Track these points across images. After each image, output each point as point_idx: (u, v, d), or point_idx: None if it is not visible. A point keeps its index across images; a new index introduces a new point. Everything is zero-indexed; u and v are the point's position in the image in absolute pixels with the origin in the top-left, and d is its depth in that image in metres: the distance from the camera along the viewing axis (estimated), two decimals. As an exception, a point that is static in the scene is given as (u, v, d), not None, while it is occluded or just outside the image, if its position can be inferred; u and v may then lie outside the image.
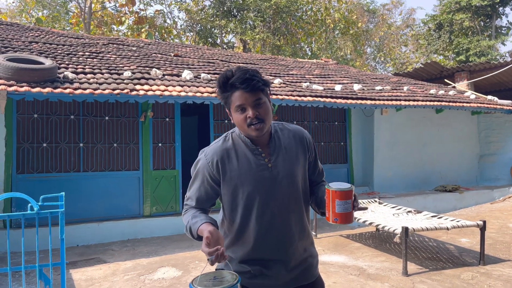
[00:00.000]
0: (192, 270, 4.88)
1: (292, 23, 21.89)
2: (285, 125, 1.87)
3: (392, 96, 8.52)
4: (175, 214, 7.02)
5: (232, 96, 1.66)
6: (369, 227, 6.67)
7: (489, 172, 10.49)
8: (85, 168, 6.64)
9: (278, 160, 1.75)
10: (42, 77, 5.48)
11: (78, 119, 6.64)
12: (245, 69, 1.67)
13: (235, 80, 1.64)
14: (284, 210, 1.74)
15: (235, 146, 1.76)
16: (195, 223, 1.67)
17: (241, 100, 1.64)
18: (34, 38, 8.39)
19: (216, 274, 1.52)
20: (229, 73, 1.67)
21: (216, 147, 1.77)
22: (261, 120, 1.65)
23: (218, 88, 1.71)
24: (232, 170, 1.72)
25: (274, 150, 1.77)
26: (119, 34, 21.68)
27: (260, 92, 1.66)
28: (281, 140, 1.79)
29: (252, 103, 1.64)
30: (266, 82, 1.70)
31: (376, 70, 27.56)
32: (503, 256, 5.42)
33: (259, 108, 1.66)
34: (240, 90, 1.63)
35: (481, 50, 19.69)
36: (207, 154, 1.77)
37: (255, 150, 1.74)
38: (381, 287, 4.30)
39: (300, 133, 1.86)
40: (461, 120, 10.34)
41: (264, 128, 1.68)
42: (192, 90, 6.40)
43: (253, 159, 1.73)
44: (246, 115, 1.65)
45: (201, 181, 1.78)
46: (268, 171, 1.73)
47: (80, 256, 5.55)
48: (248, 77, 1.63)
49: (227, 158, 1.74)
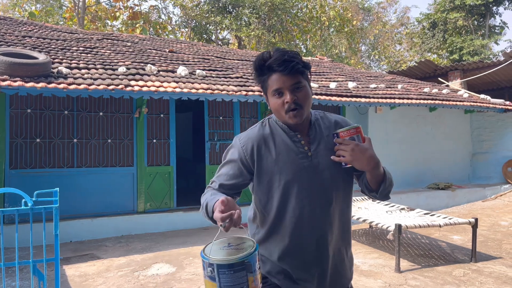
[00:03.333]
0: (187, 266, 4.89)
1: (287, 20, 21.87)
2: (326, 114, 1.74)
3: (387, 94, 8.56)
4: (169, 211, 7.02)
5: (269, 80, 1.55)
6: (362, 224, 6.71)
7: (481, 171, 10.58)
8: (79, 164, 6.61)
9: (318, 149, 1.62)
10: (35, 72, 5.44)
11: (72, 115, 6.61)
12: (283, 50, 1.55)
13: (273, 62, 1.52)
14: (325, 203, 1.61)
15: (272, 132, 1.64)
16: (213, 199, 1.50)
17: (278, 84, 1.53)
18: (27, 32, 8.32)
19: (231, 240, 1.37)
20: (266, 55, 1.56)
21: (252, 133, 1.65)
22: (299, 105, 1.54)
23: (255, 71, 1.59)
24: (269, 157, 1.60)
25: (314, 139, 1.64)
26: (113, 29, 21.54)
27: (300, 75, 1.54)
28: (322, 128, 1.66)
29: (290, 87, 1.53)
30: (306, 65, 1.57)
31: (371, 68, 27.64)
32: (494, 253, 5.48)
33: (298, 92, 1.54)
34: (278, 73, 1.53)
35: (474, 49, 19.81)
36: (241, 139, 1.65)
37: (294, 136, 1.62)
38: (374, 283, 4.34)
39: (343, 122, 1.71)
40: (454, 119, 10.42)
41: (303, 115, 1.56)
42: (187, 86, 6.38)
43: (292, 146, 1.61)
44: (284, 100, 1.54)
45: (231, 166, 1.64)
46: (307, 159, 1.61)
47: (74, 252, 5.54)
48: (286, 58, 1.52)
49: (264, 144, 1.62)
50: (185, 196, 7.56)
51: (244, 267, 1.24)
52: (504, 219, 7.60)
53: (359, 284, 4.30)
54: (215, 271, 1.23)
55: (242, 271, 1.23)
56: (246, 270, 1.24)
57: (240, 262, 1.23)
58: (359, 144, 1.53)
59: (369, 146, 1.53)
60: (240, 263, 1.23)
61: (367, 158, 1.52)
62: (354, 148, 1.52)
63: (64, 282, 4.36)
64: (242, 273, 1.23)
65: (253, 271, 1.26)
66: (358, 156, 1.52)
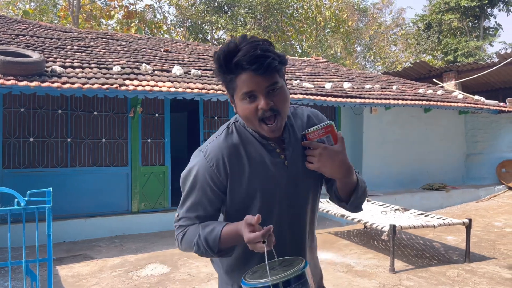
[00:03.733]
0: (181, 267, 4.87)
1: (283, 21, 21.89)
2: (297, 110, 1.47)
3: (382, 95, 8.58)
4: (163, 211, 7.00)
5: (238, 80, 1.22)
6: (357, 224, 6.72)
7: (475, 171, 10.63)
8: (72, 164, 6.57)
9: (294, 155, 1.36)
10: (29, 71, 5.40)
11: (66, 114, 6.56)
12: (254, 42, 1.21)
13: (243, 59, 1.19)
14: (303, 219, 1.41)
15: (242, 141, 1.34)
16: (212, 230, 1.27)
17: (250, 86, 1.21)
18: (21, 31, 8.26)
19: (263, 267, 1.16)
20: (232, 46, 1.21)
21: (218, 144, 1.33)
22: (277, 111, 1.24)
23: (218, 67, 1.25)
24: (242, 173, 1.32)
25: (289, 143, 1.37)
26: (108, 28, 21.46)
27: (276, 73, 1.23)
28: (295, 129, 1.40)
29: (265, 89, 1.22)
30: (283, 59, 1.25)
31: (366, 69, 27.71)
32: (488, 253, 5.51)
33: (275, 95, 1.24)
34: (250, 72, 1.20)
35: (469, 51, 19.92)
36: (207, 154, 1.32)
37: (267, 145, 1.34)
38: (369, 284, 4.34)
39: (315, 118, 1.46)
40: (449, 120, 10.46)
41: (281, 124, 1.27)
42: (182, 86, 6.36)
43: (267, 157, 1.34)
44: (257, 106, 1.23)
45: (202, 192, 1.34)
46: (284, 170, 1.35)
47: (67, 252, 5.50)
48: (259, 53, 1.18)
49: (236, 157, 1.32)
50: (179, 196, 7.49)
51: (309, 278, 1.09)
52: (497, 219, 7.64)
53: (353, 284, 4.30)
54: None
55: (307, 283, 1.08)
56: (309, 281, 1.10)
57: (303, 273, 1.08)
58: (327, 147, 1.27)
59: (341, 149, 1.27)
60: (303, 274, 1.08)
61: (337, 164, 1.27)
62: (322, 153, 1.27)
63: (57, 282, 4.33)
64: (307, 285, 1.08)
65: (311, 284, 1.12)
66: (326, 162, 1.27)
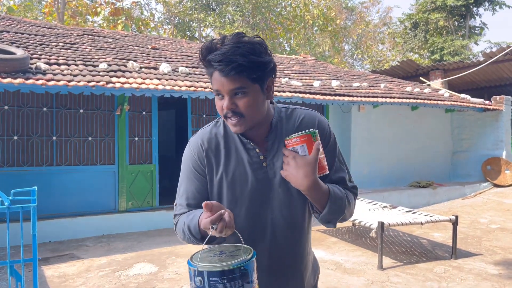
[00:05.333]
0: (169, 266, 4.84)
1: (271, 19, 21.88)
2: (295, 111, 1.43)
3: (369, 93, 8.63)
4: (151, 209, 6.93)
5: (213, 76, 1.28)
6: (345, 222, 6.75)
7: (461, 169, 10.78)
8: (58, 162, 6.47)
9: (276, 157, 1.36)
10: (13, 68, 5.29)
11: (51, 112, 6.46)
12: (231, 45, 1.23)
13: (212, 58, 1.23)
14: (280, 223, 1.37)
15: (225, 135, 1.39)
16: (194, 217, 1.29)
17: (217, 85, 1.26)
18: (5, 27, 8.10)
19: (223, 248, 1.20)
20: (214, 43, 1.26)
21: (202, 134, 1.41)
22: (239, 114, 1.27)
23: (200, 60, 1.30)
24: (218, 166, 1.37)
25: (273, 145, 1.37)
26: (94, 25, 21.18)
27: (245, 79, 1.23)
28: (283, 131, 1.38)
29: (229, 91, 1.25)
30: (254, 66, 1.23)
31: (354, 67, 27.87)
32: (474, 250, 5.58)
33: (239, 99, 1.26)
34: (217, 71, 1.24)
35: (455, 50, 20.15)
36: (191, 145, 1.41)
37: (247, 144, 1.37)
38: (357, 281, 4.36)
39: (310, 119, 1.41)
40: (435, 118, 10.57)
41: (244, 124, 1.29)
42: (170, 83, 6.31)
43: (245, 155, 1.36)
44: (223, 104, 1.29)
45: (189, 180, 1.40)
46: (262, 171, 1.36)
47: (53, 252, 5.42)
48: (228, 56, 1.20)
49: (215, 147, 1.38)
50: (167, 195, 7.45)
51: (240, 276, 1.08)
52: (483, 216, 7.75)
53: (342, 282, 4.32)
54: (205, 280, 1.07)
55: (237, 280, 1.08)
56: (242, 279, 1.09)
57: (234, 269, 1.08)
58: (296, 157, 1.24)
59: (311, 161, 1.23)
60: (234, 270, 1.07)
61: (301, 177, 1.23)
62: (289, 162, 1.25)
63: (42, 283, 4.26)
64: (238, 282, 1.08)
65: (250, 282, 1.10)
66: (291, 172, 1.25)
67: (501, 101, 10.37)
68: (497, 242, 6.00)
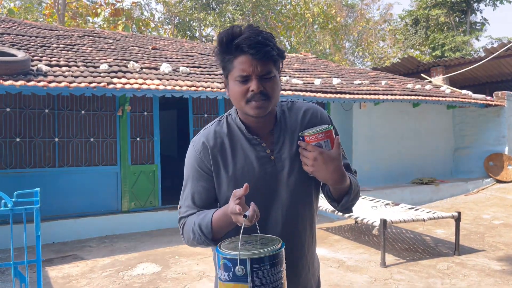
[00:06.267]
0: (172, 266, 4.85)
1: (272, 17, 21.85)
2: (295, 104, 1.49)
3: (371, 90, 8.62)
4: (154, 210, 6.95)
5: (235, 61, 1.28)
6: (348, 219, 6.75)
7: (464, 165, 10.75)
8: (60, 164, 6.49)
9: (283, 151, 1.38)
10: (14, 70, 5.30)
11: (53, 113, 6.47)
12: (257, 30, 1.28)
13: (243, 41, 1.25)
14: (291, 215, 1.39)
15: (230, 132, 1.40)
16: (205, 215, 1.30)
17: (246, 69, 1.26)
18: (6, 29, 8.12)
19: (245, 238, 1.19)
20: (236, 30, 1.28)
21: (206, 132, 1.41)
22: (267, 96, 1.29)
23: (219, 47, 1.30)
24: (225, 164, 1.37)
25: (279, 138, 1.39)
26: (95, 26, 21.20)
27: (272, 64, 1.30)
28: (287, 124, 1.41)
29: (259, 74, 1.27)
30: (281, 53, 1.32)
31: (355, 65, 27.82)
32: (477, 246, 5.58)
33: (267, 82, 1.29)
34: (248, 55, 1.25)
35: (456, 46, 20.09)
36: (195, 144, 1.40)
37: (252, 139, 1.38)
38: (360, 278, 4.36)
39: (313, 111, 1.45)
40: (437, 114, 10.55)
41: (268, 107, 1.31)
42: (171, 83, 6.31)
43: (251, 151, 1.37)
44: (248, 88, 1.28)
45: (195, 180, 1.39)
46: (270, 165, 1.37)
47: (57, 253, 5.44)
48: (261, 40, 1.25)
49: (220, 146, 1.38)
50: (170, 194, 7.47)
51: (279, 261, 1.10)
52: (486, 212, 7.74)
53: (345, 279, 4.32)
54: (248, 268, 1.06)
55: (277, 266, 1.09)
56: (280, 264, 1.11)
57: (275, 255, 1.09)
58: (323, 153, 1.27)
59: (336, 156, 1.27)
60: (275, 256, 1.09)
61: (331, 170, 1.27)
62: (317, 157, 1.27)
63: (46, 284, 4.28)
64: (277, 268, 1.09)
65: (283, 269, 1.12)
66: (320, 167, 1.27)
67: (503, 97, 10.34)
68: (500, 238, 5.99)
